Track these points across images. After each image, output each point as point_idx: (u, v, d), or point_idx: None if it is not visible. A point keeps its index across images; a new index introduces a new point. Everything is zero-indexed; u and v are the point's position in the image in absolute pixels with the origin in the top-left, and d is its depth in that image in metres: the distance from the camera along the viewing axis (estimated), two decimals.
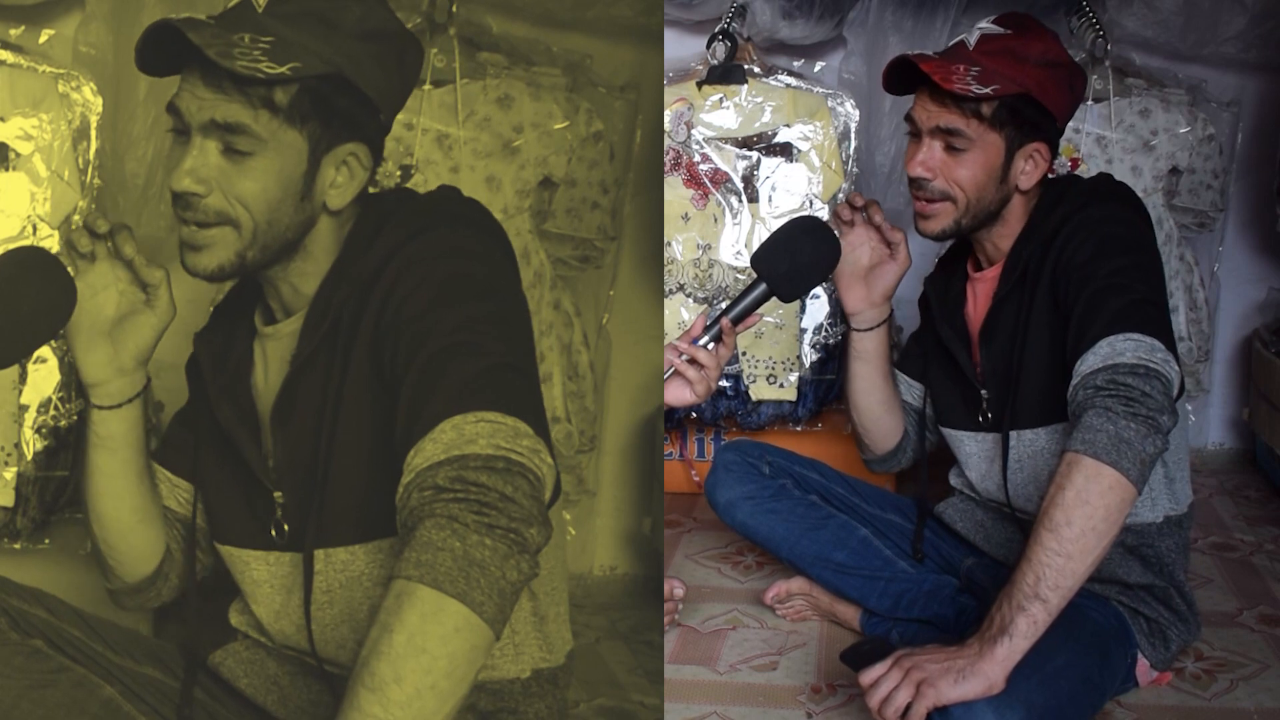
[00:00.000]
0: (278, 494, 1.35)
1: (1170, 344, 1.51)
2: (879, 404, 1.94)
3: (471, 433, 1.13)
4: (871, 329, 1.89)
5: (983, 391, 1.77)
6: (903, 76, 1.71)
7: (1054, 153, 1.71)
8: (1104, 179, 1.77)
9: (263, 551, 1.38)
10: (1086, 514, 1.39)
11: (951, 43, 1.71)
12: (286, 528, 1.35)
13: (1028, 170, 1.69)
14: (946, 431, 1.89)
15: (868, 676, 1.46)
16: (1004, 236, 1.74)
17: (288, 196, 1.27)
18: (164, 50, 1.24)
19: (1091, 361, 1.49)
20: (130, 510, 1.41)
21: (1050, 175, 1.74)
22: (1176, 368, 1.50)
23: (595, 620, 2.23)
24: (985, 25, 1.68)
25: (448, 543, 1.06)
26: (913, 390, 1.97)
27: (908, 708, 1.41)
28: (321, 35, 1.25)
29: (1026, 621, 1.40)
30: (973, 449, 1.83)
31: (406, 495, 1.13)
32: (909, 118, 1.71)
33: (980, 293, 1.79)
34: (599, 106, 2.39)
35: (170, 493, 1.48)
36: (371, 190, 1.35)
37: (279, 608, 1.39)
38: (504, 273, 1.32)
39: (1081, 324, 1.54)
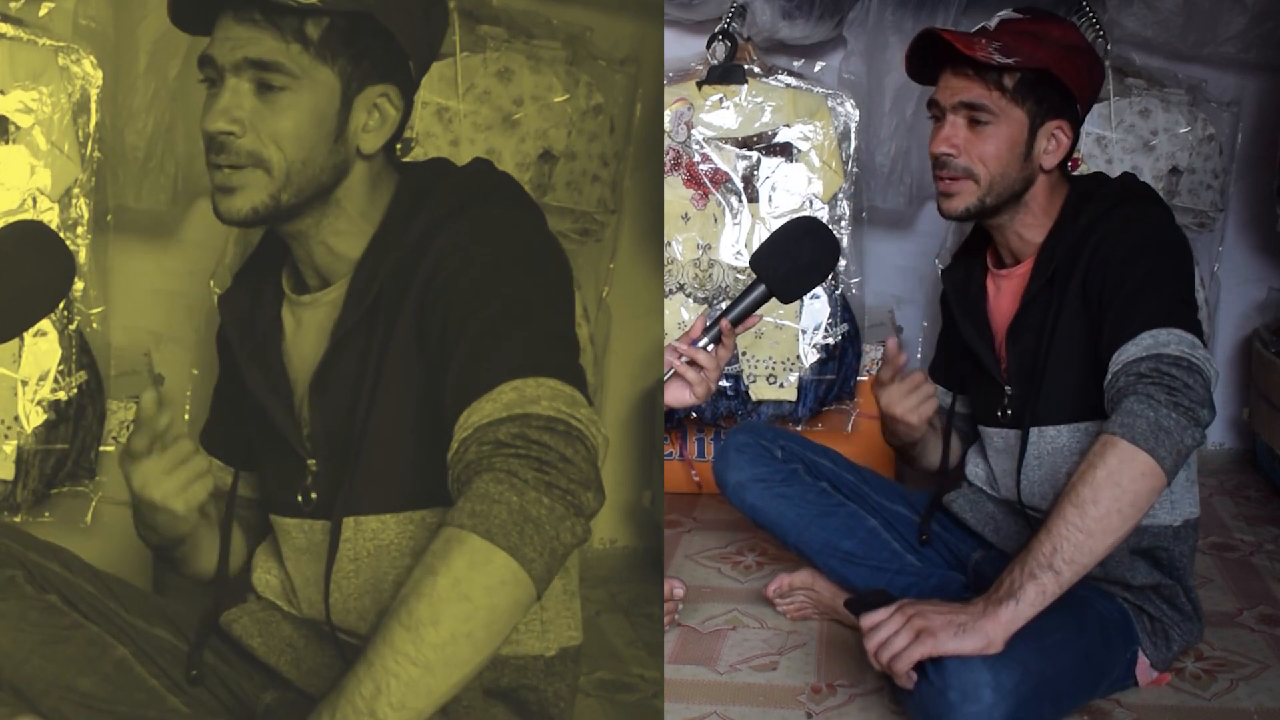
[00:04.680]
0: (312, 462, 1.35)
1: (1205, 343, 1.52)
2: (931, 452, 1.99)
3: (533, 394, 1.13)
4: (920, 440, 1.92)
5: (1007, 388, 1.77)
6: (926, 61, 1.72)
7: (1076, 134, 1.72)
8: (1130, 179, 1.78)
9: (299, 520, 1.38)
10: (1115, 495, 1.40)
11: (973, 30, 1.73)
12: (314, 495, 1.35)
13: (1050, 149, 1.69)
14: (981, 429, 1.90)
15: (869, 620, 1.47)
16: (1028, 226, 1.74)
17: (321, 136, 1.27)
18: (199, 3, 1.25)
19: (1133, 351, 1.50)
20: (212, 549, 1.48)
21: (1074, 172, 1.76)
22: (1215, 368, 1.50)
23: (595, 594, 2.24)
24: (1005, 13, 1.71)
25: (505, 496, 1.07)
26: (945, 396, 1.98)
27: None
28: None
29: (1036, 589, 1.41)
30: (1000, 444, 1.83)
31: (463, 450, 1.12)
32: (932, 102, 1.72)
33: (1005, 290, 1.79)
34: (599, 79, 2.39)
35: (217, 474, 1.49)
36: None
37: (310, 575, 1.39)
38: (551, 246, 1.32)
39: (1120, 319, 1.55)
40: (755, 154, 2.59)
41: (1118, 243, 1.62)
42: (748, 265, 2.28)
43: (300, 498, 1.36)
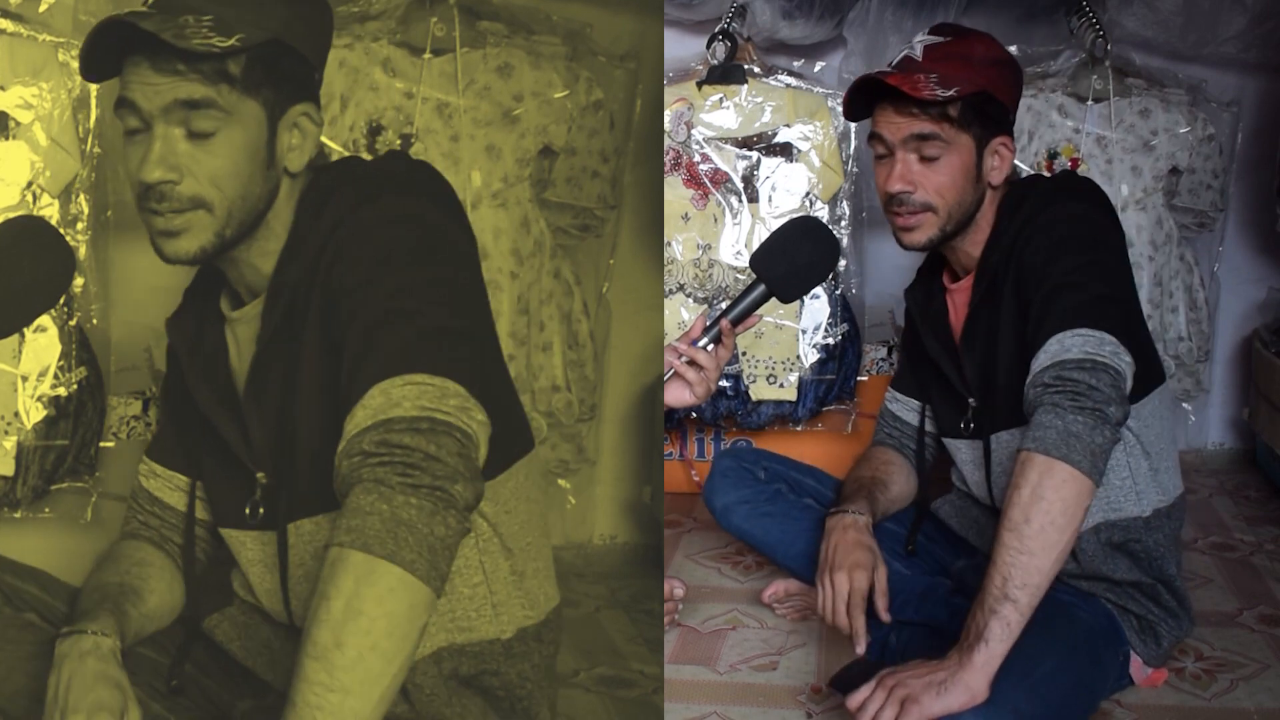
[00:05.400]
0: (260, 475, 1.36)
1: (1126, 335, 1.52)
2: (903, 502, 1.96)
3: (398, 395, 1.15)
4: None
5: (970, 400, 1.78)
6: (861, 100, 1.72)
7: (1014, 144, 1.75)
8: (1066, 176, 1.80)
9: (255, 532, 1.39)
10: (1043, 509, 1.41)
11: (897, 57, 1.73)
12: (262, 510, 1.37)
13: (996, 165, 1.71)
14: (945, 440, 1.90)
15: (854, 700, 1.47)
16: (975, 244, 1.75)
17: (256, 168, 1.29)
18: (110, 48, 1.26)
19: (1041, 360, 1.52)
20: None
21: (1011, 178, 1.76)
22: (1129, 359, 1.51)
23: (595, 589, 2.24)
24: (924, 37, 1.72)
25: (375, 506, 1.09)
26: (911, 408, 1.98)
27: None
28: (252, 5, 1.28)
29: (999, 624, 1.41)
30: (967, 455, 1.84)
31: (339, 463, 1.15)
32: (875, 135, 1.72)
33: (959, 303, 1.81)
34: (599, 75, 2.40)
35: (163, 488, 1.49)
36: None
37: (270, 586, 1.40)
38: (448, 235, 1.32)
39: (1036, 324, 1.56)
40: (755, 154, 2.59)
41: (1039, 247, 1.63)
42: (748, 265, 2.28)
43: (249, 511, 1.38)
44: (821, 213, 2.56)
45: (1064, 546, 1.42)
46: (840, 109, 2.57)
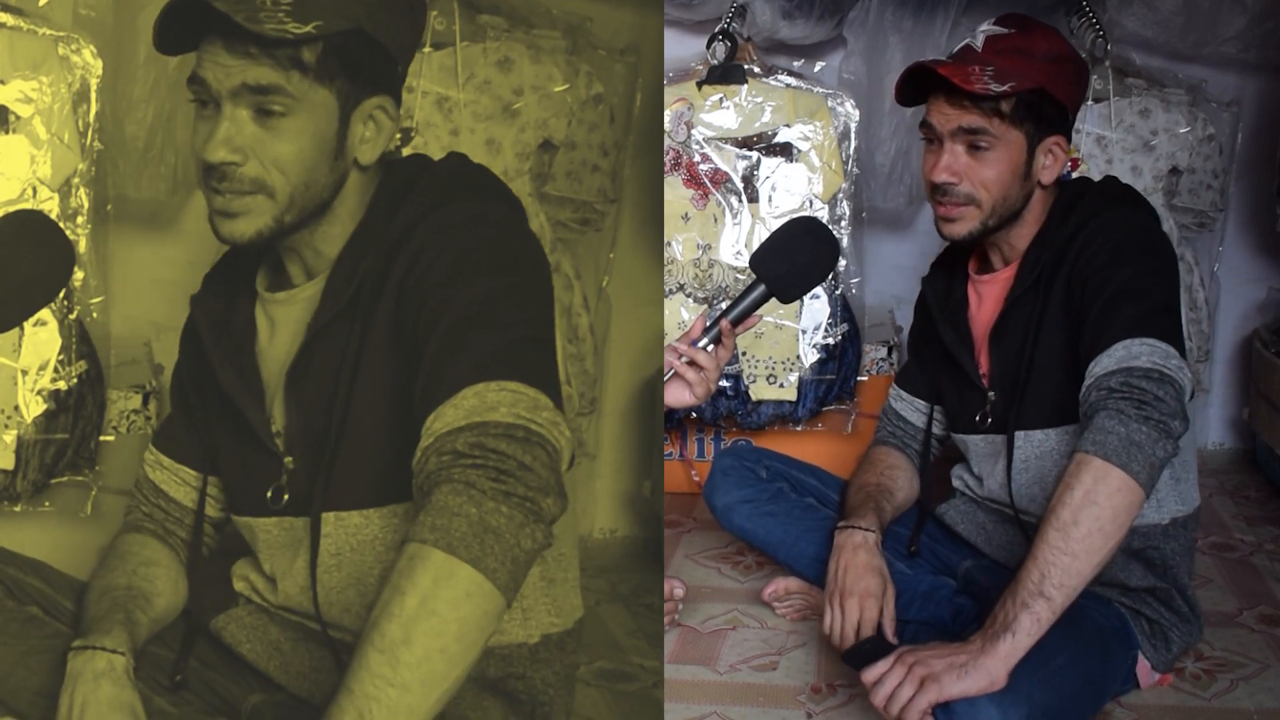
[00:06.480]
0: (289, 459, 1.35)
1: (1183, 350, 1.52)
2: (907, 507, 1.95)
3: (493, 400, 1.14)
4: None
5: (990, 394, 1.77)
6: (915, 85, 1.71)
7: (1069, 144, 1.72)
8: (1114, 183, 1.77)
9: (276, 517, 1.38)
10: (1094, 514, 1.41)
11: (957, 47, 1.72)
12: (287, 497, 1.35)
13: (1048, 164, 1.70)
14: (956, 437, 1.89)
15: (871, 674, 1.47)
16: (1021, 237, 1.74)
17: (323, 156, 1.27)
18: (185, 24, 1.24)
19: (1106, 364, 1.50)
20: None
21: (1074, 172, 1.75)
22: (1189, 374, 1.51)
23: (595, 583, 2.24)
24: (988, 27, 1.69)
25: (464, 508, 1.08)
26: (917, 408, 1.97)
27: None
28: None
29: (1030, 619, 1.41)
30: (984, 450, 1.83)
31: (424, 459, 1.14)
32: (925, 124, 1.71)
33: (987, 295, 1.79)
34: (599, 69, 2.40)
35: (170, 481, 1.48)
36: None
37: (288, 568, 1.39)
38: (526, 243, 1.32)
39: (1097, 327, 1.55)
40: (755, 154, 2.59)
41: (1099, 249, 1.61)
42: (748, 265, 2.28)
43: (271, 494, 1.36)
44: (821, 213, 2.56)
45: (1107, 553, 1.42)
46: (840, 109, 2.59)
